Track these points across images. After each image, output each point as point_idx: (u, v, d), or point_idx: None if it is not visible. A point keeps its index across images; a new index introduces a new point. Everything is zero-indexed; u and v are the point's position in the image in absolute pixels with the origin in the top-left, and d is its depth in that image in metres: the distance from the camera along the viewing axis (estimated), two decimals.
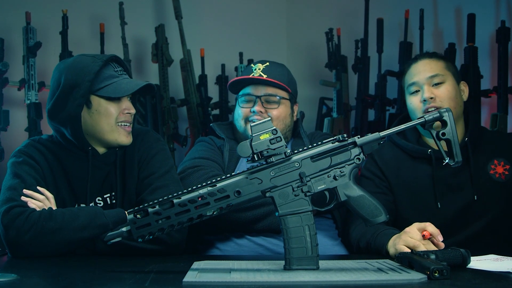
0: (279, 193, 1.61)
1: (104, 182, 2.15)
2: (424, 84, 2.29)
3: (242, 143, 1.60)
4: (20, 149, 2.13)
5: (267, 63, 2.49)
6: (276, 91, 2.46)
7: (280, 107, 2.45)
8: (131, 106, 2.13)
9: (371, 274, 1.48)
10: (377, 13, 3.59)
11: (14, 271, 1.55)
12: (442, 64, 2.33)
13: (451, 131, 1.65)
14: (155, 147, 2.23)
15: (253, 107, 2.44)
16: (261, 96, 2.44)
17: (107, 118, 2.08)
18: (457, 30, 3.45)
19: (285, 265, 1.58)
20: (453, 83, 2.32)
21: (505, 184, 2.29)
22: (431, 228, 1.84)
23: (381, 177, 2.38)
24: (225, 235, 2.32)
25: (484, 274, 1.54)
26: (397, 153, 2.39)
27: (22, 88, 3.11)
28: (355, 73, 3.64)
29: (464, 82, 2.39)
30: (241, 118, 2.49)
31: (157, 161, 2.19)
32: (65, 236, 1.89)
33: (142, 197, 2.11)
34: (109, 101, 2.08)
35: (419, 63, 2.35)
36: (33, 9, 3.14)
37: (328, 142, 1.66)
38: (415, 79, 2.32)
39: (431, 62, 2.33)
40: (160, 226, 1.57)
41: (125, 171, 2.18)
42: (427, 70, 2.31)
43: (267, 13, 4.12)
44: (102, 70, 2.08)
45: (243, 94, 2.50)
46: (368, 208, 1.63)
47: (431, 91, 2.27)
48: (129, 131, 2.13)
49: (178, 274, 1.52)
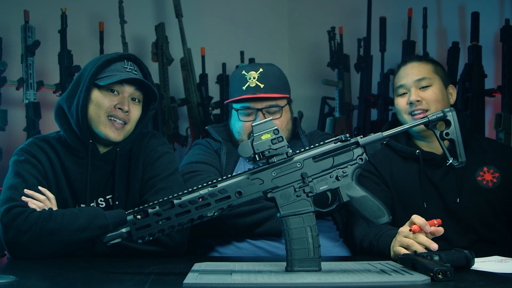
0: (281, 193, 1.61)
1: (106, 183, 2.15)
2: (411, 86, 2.35)
3: (244, 143, 1.59)
4: (23, 148, 2.13)
5: (260, 69, 2.44)
6: (276, 102, 2.43)
7: (282, 115, 2.44)
8: (126, 104, 2.10)
9: (374, 275, 1.48)
10: (380, 12, 3.59)
11: (12, 273, 1.55)
12: (430, 67, 2.38)
13: (455, 131, 1.65)
14: (161, 149, 2.23)
15: (254, 120, 2.41)
16: (262, 108, 2.42)
17: (99, 109, 2.09)
18: (460, 29, 3.45)
19: (287, 266, 1.57)
20: (440, 86, 2.36)
21: (492, 191, 2.34)
22: (417, 219, 1.82)
23: (378, 175, 2.41)
24: (226, 239, 2.32)
25: (488, 276, 1.54)
26: (389, 154, 2.43)
27: (20, 88, 3.11)
28: (357, 72, 3.65)
29: (452, 86, 2.44)
30: (243, 133, 2.45)
31: (162, 163, 2.19)
32: (65, 237, 1.89)
33: (145, 198, 2.11)
34: (105, 93, 2.09)
35: (408, 66, 2.40)
36: (32, 8, 3.14)
37: (330, 142, 1.65)
38: (403, 81, 2.38)
39: (420, 66, 2.38)
40: (160, 227, 1.57)
41: (129, 173, 2.18)
42: (415, 73, 2.36)
43: (268, 11, 4.12)
44: (111, 64, 2.11)
45: (242, 108, 2.44)
46: (370, 209, 1.63)
47: (418, 94, 2.33)
48: (119, 128, 2.10)
49: (178, 275, 1.52)
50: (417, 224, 1.81)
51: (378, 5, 3.63)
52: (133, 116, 2.14)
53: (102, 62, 2.09)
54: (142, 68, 2.19)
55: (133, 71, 2.13)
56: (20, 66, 3.11)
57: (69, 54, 3.21)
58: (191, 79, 3.56)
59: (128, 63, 2.14)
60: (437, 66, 2.41)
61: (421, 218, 1.82)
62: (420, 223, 1.81)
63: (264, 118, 2.37)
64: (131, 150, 2.21)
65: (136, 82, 2.13)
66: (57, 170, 2.11)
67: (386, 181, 2.39)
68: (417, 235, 1.80)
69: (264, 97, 2.41)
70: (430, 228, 1.80)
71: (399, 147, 2.40)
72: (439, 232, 1.81)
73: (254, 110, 2.42)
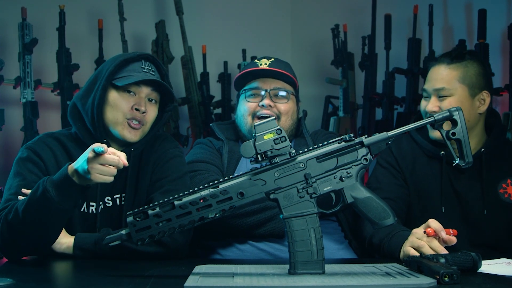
0: (284, 194, 1.61)
1: (116, 183, 2.15)
2: (432, 94, 2.30)
3: (245, 143, 1.59)
4: (27, 145, 2.15)
5: (272, 59, 2.48)
6: (285, 86, 2.45)
7: (289, 102, 2.45)
8: (143, 105, 2.11)
9: (379, 278, 1.48)
10: (385, 9, 3.58)
11: (10, 276, 1.55)
12: (456, 74, 2.26)
13: (461, 131, 1.65)
14: (172, 152, 2.25)
15: (261, 101, 2.43)
16: (269, 90, 2.43)
17: (117, 110, 2.10)
18: (467, 27, 3.44)
19: (290, 269, 1.57)
20: (463, 97, 2.25)
21: None
22: (434, 224, 1.83)
23: (398, 168, 2.39)
24: (227, 241, 2.32)
25: (495, 279, 1.54)
26: (414, 148, 2.40)
27: (17, 86, 3.11)
28: (362, 71, 3.64)
29: (486, 92, 2.30)
30: (247, 114, 2.45)
31: (172, 166, 2.21)
32: (20, 225, 1.85)
33: (152, 197, 2.12)
34: (122, 94, 2.10)
35: (435, 68, 2.31)
36: (29, 5, 3.15)
37: (334, 142, 1.65)
38: (426, 85, 2.33)
39: (445, 71, 2.27)
40: (160, 229, 1.57)
41: (139, 174, 2.20)
42: (437, 81, 2.28)
43: (271, 9, 4.12)
44: (129, 64, 2.12)
45: (249, 88, 2.46)
46: (375, 210, 1.63)
47: (436, 102, 2.27)
48: (136, 128, 2.12)
49: (179, 278, 1.52)
50: (432, 228, 1.81)
51: (383, 2, 3.63)
52: (149, 117, 2.15)
53: (119, 62, 2.10)
54: (159, 68, 2.20)
55: (150, 71, 2.14)
56: (17, 65, 3.11)
57: (67, 52, 3.21)
58: (192, 77, 3.56)
59: (146, 63, 2.15)
60: (468, 71, 2.27)
61: (438, 223, 1.84)
62: (436, 227, 1.82)
63: (271, 100, 2.40)
64: (143, 151, 2.23)
65: (153, 83, 2.14)
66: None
67: (405, 176, 2.37)
68: (431, 239, 1.81)
69: (272, 78, 2.43)
70: (445, 235, 1.81)
71: (424, 144, 2.36)
72: (452, 242, 1.82)
73: (262, 90, 2.43)
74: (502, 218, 2.28)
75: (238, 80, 2.51)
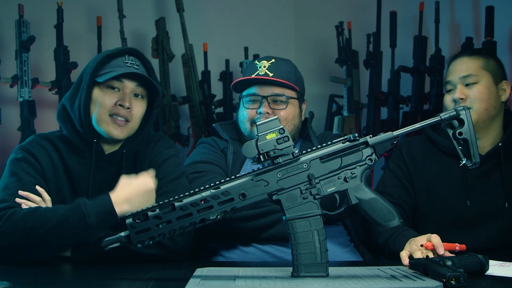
0: (287, 196, 1.61)
1: (110, 185, 2.15)
2: (457, 83, 2.33)
3: (248, 143, 1.59)
4: (22, 145, 2.15)
5: (272, 59, 2.47)
6: (283, 91, 2.43)
7: (288, 107, 2.43)
8: (127, 100, 2.11)
9: (384, 281, 1.48)
10: (390, 6, 3.58)
11: (6, 279, 1.56)
12: (480, 62, 2.34)
13: (468, 130, 1.65)
14: (167, 152, 2.25)
15: (259, 108, 2.42)
16: (267, 96, 2.42)
17: (100, 107, 2.10)
18: (474, 24, 3.44)
19: (293, 272, 1.57)
20: (489, 84, 2.32)
21: None
22: (435, 239, 1.87)
23: (405, 170, 2.42)
24: (231, 243, 2.32)
25: (504, 281, 1.54)
26: (426, 147, 2.44)
27: (14, 85, 3.11)
28: (366, 69, 3.64)
29: (507, 82, 2.39)
30: (246, 120, 2.46)
31: (168, 166, 2.21)
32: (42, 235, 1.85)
33: None
34: (105, 91, 2.10)
35: (457, 61, 2.38)
36: (26, 2, 3.14)
37: (338, 142, 1.65)
38: (450, 77, 2.37)
39: (469, 61, 2.34)
40: (160, 230, 1.57)
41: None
42: (462, 70, 2.34)
43: (273, 5, 4.12)
44: (112, 60, 2.12)
45: (247, 94, 2.46)
46: (380, 211, 1.63)
47: (463, 91, 2.31)
48: (122, 125, 2.11)
49: (179, 281, 1.52)
50: (431, 242, 1.84)
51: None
52: (136, 113, 2.15)
53: (102, 58, 2.10)
54: (144, 62, 2.20)
55: (134, 65, 2.13)
56: (14, 63, 3.11)
57: (65, 50, 3.20)
58: (192, 76, 3.56)
59: (129, 57, 2.14)
60: (489, 60, 2.36)
61: (439, 239, 1.87)
62: (435, 243, 1.86)
63: (269, 107, 2.40)
64: (138, 152, 2.22)
65: (138, 78, 2.13)
66: (57, 170, 2.12)
67: (412, 177, 2.40)
68: (428, 252, 1.85)
69: (270, 84, 2.42)
70: (442, 252, 1.84)
71: (441, 141, 2.39)
72: None
73: (260, 97, 2.42)
74: None
75: (238, 84, 2.50)
